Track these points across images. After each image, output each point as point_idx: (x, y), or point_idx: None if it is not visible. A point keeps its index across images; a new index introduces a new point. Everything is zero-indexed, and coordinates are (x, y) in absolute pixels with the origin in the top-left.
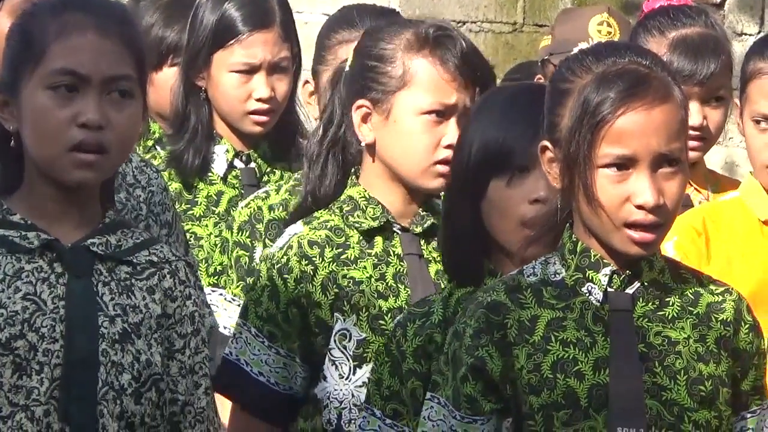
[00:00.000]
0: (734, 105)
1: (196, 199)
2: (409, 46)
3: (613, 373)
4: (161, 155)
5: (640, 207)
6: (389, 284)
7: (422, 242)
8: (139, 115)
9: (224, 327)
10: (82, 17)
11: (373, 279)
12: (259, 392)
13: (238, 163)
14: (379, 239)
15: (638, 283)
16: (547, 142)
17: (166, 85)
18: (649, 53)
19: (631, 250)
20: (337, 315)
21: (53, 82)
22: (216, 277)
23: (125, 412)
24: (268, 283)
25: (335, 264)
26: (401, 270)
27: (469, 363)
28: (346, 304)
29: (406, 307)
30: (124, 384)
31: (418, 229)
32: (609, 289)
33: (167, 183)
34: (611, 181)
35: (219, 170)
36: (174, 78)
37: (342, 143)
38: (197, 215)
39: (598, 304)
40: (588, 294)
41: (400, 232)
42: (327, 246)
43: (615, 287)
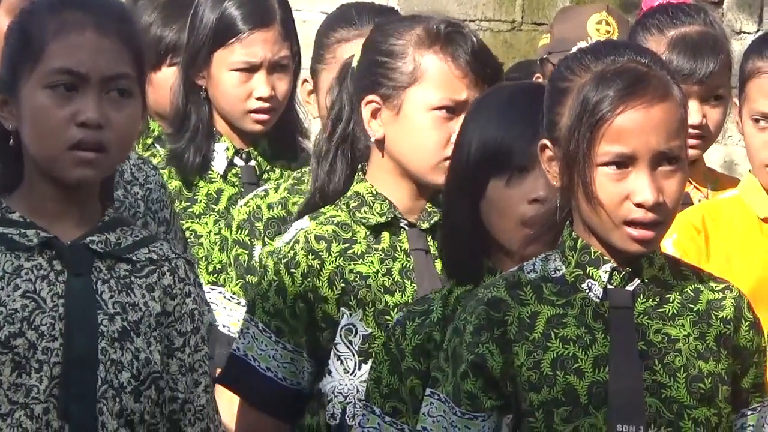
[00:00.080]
0: (733, 104)
1: (196, 197)
2: (420, 42)
3: (613, 371)
4: (160, 153)
5: (639, 205)
6: (396, 279)
7: (429, 238)
8: (138, 114)
9: (223, 325)
10: (81, 16)
11: (379, 274)
12: (267, 387)
13: (238, 160)
14: (386, 235)
15: (638, 281)
16: (546, 141)
17: (165, 84)
18: (648, 52)
19: (630, 247)
20: (343, 310)
21: (52, 81)
22: (215, 275)
23: (124, 410)
24: (275, 278)
25: (342, 259)
26: (408, 265)
27: (469, 360)
28: (352, 299)
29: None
30: (124, 382)
31: (425, 225)
32: (609, 286)
33: (167, 181)
34: (611, 179)
35: (219, 168)
36: (173, 78)
37: (350, 139)
38: (197, 213)
39: (598, 300)
40: (588, 291)
41: (407, 228)
42: (334, 241)
43: (615, 284)
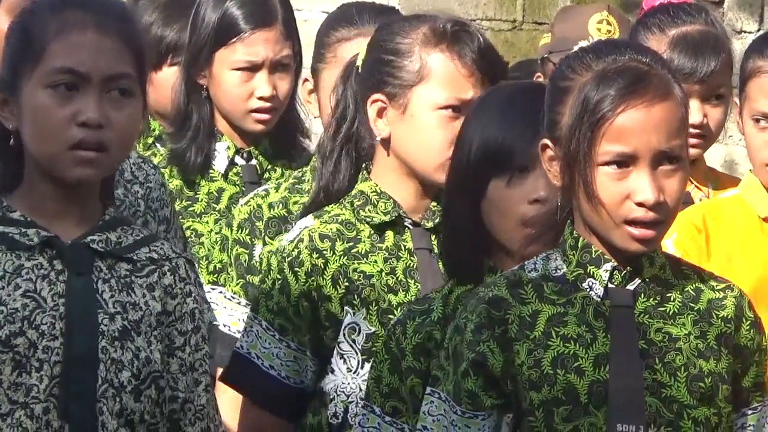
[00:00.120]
0: (733, 103)
1: (197, 196)
2: (426, 41)
3: (613, 370)
4: (161, 152)
5: (640, 204)
6: (399, 279)
7: (433, 237)
8: (138, 114)
9: (224, 325)
10: (82, 15)
11: (383, 273)
12: (270, 385)
13: (239, 160)
14: (390, 234)
15: (639, 280)
16: (547, 140)
17: (166, 84)
18: (649, 51)
19: (631, 246)
20: (347, 308)
21: (53, 81)
22: (216, 275)
23: (125, 409)
24: (279, 276)
25: (346, 258)
26: (412, 265)
27: (470, 358)
28: (356, 297)
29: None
30: (124, 381)
31: (429, 224)
32: (610, 285)
33: (168, 180)
34: (611, 178)
35: (220, 167)
36: (174, 77)
37: (355, 139)
38: (198, 212)
39: (599, 299)
40: (589, 289)
41: (411, 227)
42: (338, 240)
43: (616, 283)
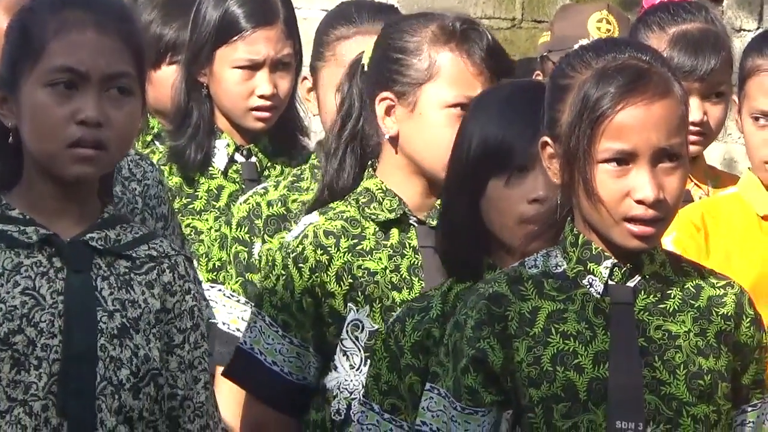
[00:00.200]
0: (732, 102)
1: (196, 194)
2: (435, 39)
3: (613, 368)
4: (160, 150)
5: (640, 202)
6: (403, 276)
7: None
8: (138, 113)
9: (223, 323)
10: (82, 14)
11: (387, 270)
12: (273, 381)
13: (238, 157)
14: (395, 231)
15: (639, 277)
16: (547, 138)
17: (165, 82)
18: (649, 49)
19: (630, 243)
20: (350, 305)
21: (52, 79)
22: (215, 273)
23: (123, 406)
24: (283, 272)
25: (350, 254)
26: (416, 262)
27: (470, 354)
28: (360, 294)
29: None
30: (123, 379)
31: (435, 222)
32: (610, 282)
33: (168, 177)
34: (611, 176)
35: (220, 164)
36: (173, 76)
37: (360, 136)
38: (198, 209)
39: (599, 296)
40: (589, 286)
41: (416, 225)
42: (342, 236)
43: (616, 280)
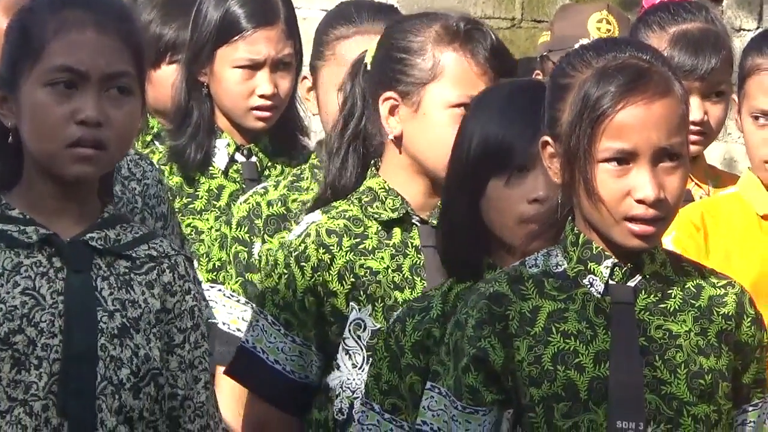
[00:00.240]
0: (732, 101)
1: (197, 193)
2: (439, 39)
3: (613, 367)
4: (160, 150)
5: (640, 201)
6: (406, 276)
7: None
8: (137, 112)
9: (223, 322)
10: (81, 14)
11: (390, 270)
12: (275, 380)
13: (239, 157)
14: (397, 230)
15: (640, 276)
16: (547, 137)
17: (165, 82)
18: (649, 48)
19: (631, 242)
20: (352, 304)
21: (52, 79)
22: (215, 273)
23: (123, 406)
24: (285, 271)
25: (353, 253)
26: (418, 262)
27: (471, 354)
28: (362, 293)
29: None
30: (123, 379)
31: (437, 222)
32: (611, 281)
33: (168, 177)
34: (611, 175)
35: (220, 164)
36: (172, 75)
37: (362, 135)
38: (198, 209)
39: (599, 296)
40: (589, 286)
41: (418, 224)
42: (345, 235)
43: (617, 280)
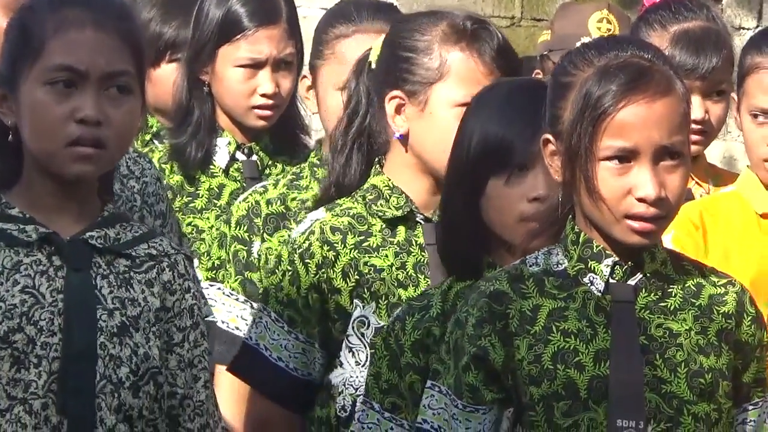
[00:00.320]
0: (732, 99)
1: (197, 192)
2: (445, 38)
3: (614, 366)
4: (159, 149)
5: (641, 200)
6: (409, 273)
7: None
8: (137, 111)
9: (222, 321)
10: (81, 13)
11: (394, 267)
12: (278, 377)
13: (239, 155)
14: (401, 228)
15: (640, 275)
16: (549, 135)
17: (164, 81)
18: (651, 47)
19: (631, 239)
20: (356, 302)
21: (51, 78)
22: (214, 272)
23: (123, 405)
24: (289, 267)
25: (357, 251)
26: (422, 260)
27: (471, 352)
28: (366, 291)
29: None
30: (122, 377)
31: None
32: (611, 280)
33: (168, 176)
34: (612, 173)
35: (221, 163)
36: (172, 74)
37: (366, 133)
38: (199, 208)
39: (600, 294)
40: (590, 284)
41: (423, 222)
42: (349, 233)
43: (617, 278)
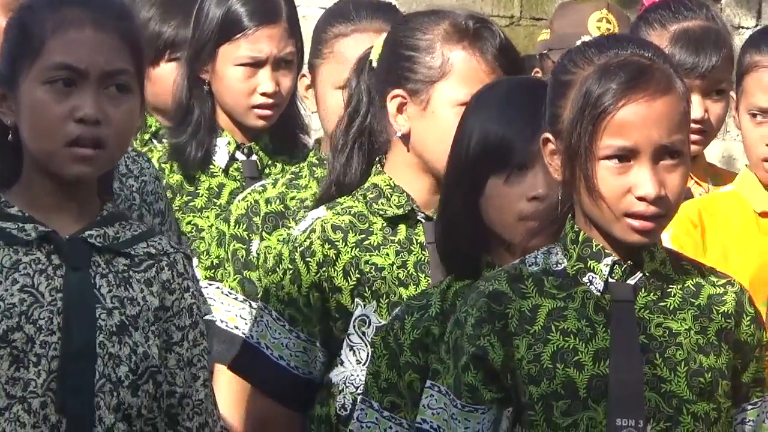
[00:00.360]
0: (731, 98)
1: (197, 191)
2: (447, 37)
3: (613, 365)
4: (158, 149)
5: (641, 199)
6: (410, 272)
7: None
8: (136, 110)
9: (221, 320)
10: (80, 12)
11: (394, 266)
12: (279, 376)
13: (239, 155)
14: (402, 227)
15: (640, 274)
16: (548, 134)
17: (164, 80)
18: (651, 45)
19: (631, 238)
20: (357, 300)
21: (51, 77)
22: (213, 271)
23: (122, 404)
24: (290, 266)
25: (358, 249)
26: (423, 259)
27: (470, 352)
28: (367, 290)
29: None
30: (121, 376)
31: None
32: (610, 279)
33: (168, 175)
34: (612, 172)
35: (221, 162)
36: (171, 73)
37: (367, 132)
38: (199, 207)
39: (599, 294)
40: (589, 284)
41: (423, 221)
42: (350, 231)
43: (617, 278)
